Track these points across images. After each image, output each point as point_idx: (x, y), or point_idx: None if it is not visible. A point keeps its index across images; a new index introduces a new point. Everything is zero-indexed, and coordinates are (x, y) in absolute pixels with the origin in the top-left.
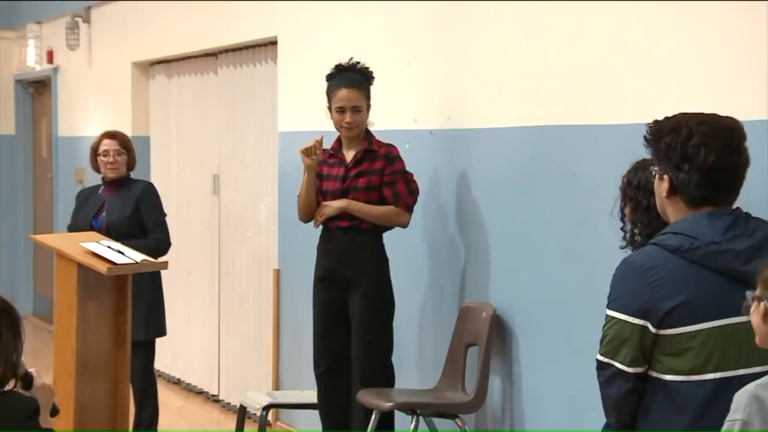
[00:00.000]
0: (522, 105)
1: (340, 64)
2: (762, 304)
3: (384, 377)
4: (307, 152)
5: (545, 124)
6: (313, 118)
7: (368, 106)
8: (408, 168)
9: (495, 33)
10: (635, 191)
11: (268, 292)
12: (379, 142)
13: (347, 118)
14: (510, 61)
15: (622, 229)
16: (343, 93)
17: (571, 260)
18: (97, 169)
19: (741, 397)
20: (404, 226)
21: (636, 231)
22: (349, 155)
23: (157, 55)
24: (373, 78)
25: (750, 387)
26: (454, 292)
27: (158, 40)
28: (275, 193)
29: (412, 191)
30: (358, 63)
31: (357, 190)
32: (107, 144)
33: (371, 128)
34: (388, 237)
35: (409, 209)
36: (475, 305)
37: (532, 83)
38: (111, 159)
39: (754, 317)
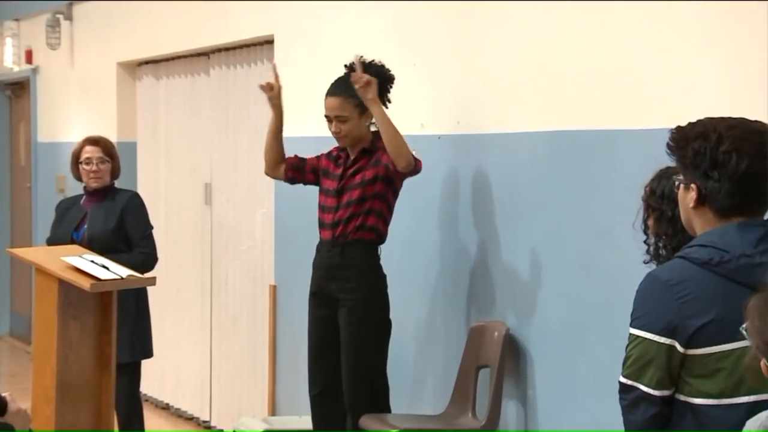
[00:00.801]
0: (538, 108)
1: (351, 65)
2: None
3: (374, 402)
4: (265, 87)
5: (563, 129)
6: (312, 122)
7: (361, 113)
8: (415, 179)
9: (509, 31)
10: (659, 201)
11: (263, 309)
12: (381, 142)
13: (332, 127)
14: (525, 61)
15: (645, 242)
16: (327, 102)
17: (591, 275)
18: (78, 178)
19: (752, 425)
20: (405, 166)
21: (660, 244)
22: (352, 155)
23: (145, 54)
24: (387, 77)
25: (762, 417)
26: (464, 310)
27: (146, 38)
28: (271, 204)
29: (417, 162)
30: (372, 61)
31: (352, 187)
32: (90, 151)
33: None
34: (391, 249)
35: (413, 165)
36: (486, 324)
37: (549, 85)
38: (94, 167)
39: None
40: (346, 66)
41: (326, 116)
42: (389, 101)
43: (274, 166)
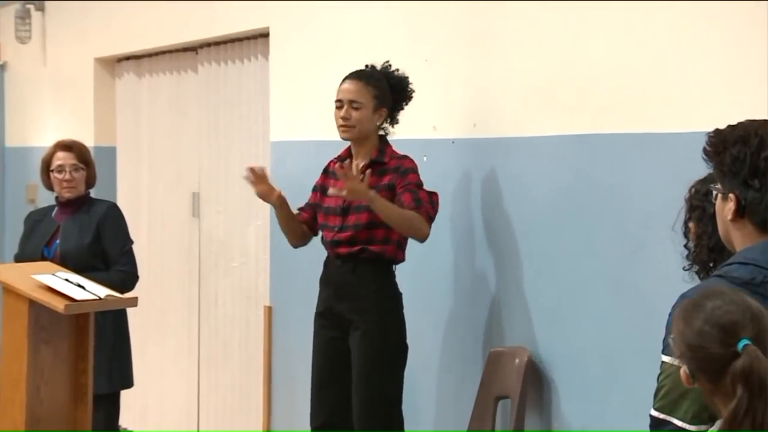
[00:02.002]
0: (563, 110)
1: (374, 66)
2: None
3: None
4: (252, 180)
5: (590, 132)
6: (311, 125)
7: (376, 107)
8: (426, 185)
9: (531, 24)
10: (702, 198)
11: (257, 333)
12: (393, 153)
13: (342, 113)
14: (549, 58)
15: (685, 246)
16: (344, 85)
17: (623, 296)
18: (49, 187)
19: None
20: (423, 238)
21: (702, 243)
22: (358, 165)
23: (125, 49)
24: (405, 92)
25: None
26: (481, 334)
27: (126, 31)
28: (266, 215)
29: (434, 203)
30: (396, 70)
31: (359, 209)
32: (62, 157)
33: (390, 138)
34: (400, 266)
35: (430, 221)
36: (506, 350)
37: (575, 84)
38: (67, 176)
39: None
40: (366, 66)
41: (337, 101)
42: (397, 121)
43: (298, 239)
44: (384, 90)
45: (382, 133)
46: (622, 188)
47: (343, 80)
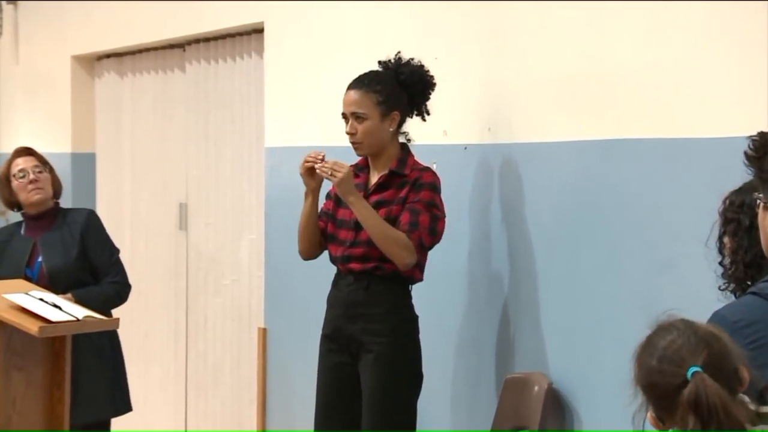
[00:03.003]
0: (585, 113)
1: (386, 62)
2: None
3: None
4: (308, 169)
5: (615, 137)
6: (310, 128)
7: (384, 114)
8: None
9: (551, 20)
10: (737, 210)
11: (251, 358)
12: (415, 164)
13: (347, 128)
14: (570, 56)
15: (720, 263)
16: (345, 96)
17: (651, 317)
18: (11, 204)
19: None
20: (404, 267)
21: (738, 259)
22: (374, 177)
23: (106, 46)
24: (425, 83)
25: None
26: (497, 358)
27: (107, 26)
28: (260, 228)
29: (434, 231)
30: (412, 60)
31: None
32: (22, 162)
33: (412, 144)
34: (416, 287)
35: (421, 250)
36: (524, 376)
37: (599, 85)
38: (31, 176)
39: None
40: (380, 62)
41: (342, 114)
42: (427, 113)
43: (315, 248)
44: (390, 91)
45: (403, 139)
46: (650, 199)
47: (346, 90)
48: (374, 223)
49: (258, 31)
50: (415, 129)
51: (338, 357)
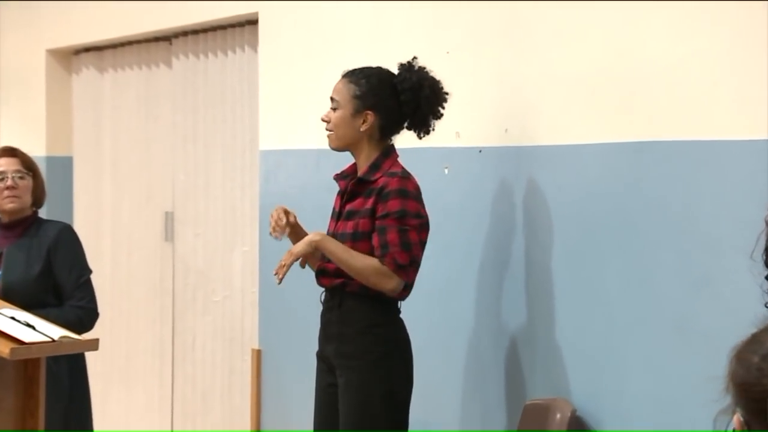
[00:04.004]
0: (612, 113)
1: (409, 64)
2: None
3: None
4: (278, 237)
5: (645, 139)
6: (308, 130)
7: (357, 110)
8: (445, 204)
9: (575, 12)
10: None
11: (244, 382)
12: (391, 167)
13: (324, 114)
14: (595, 51)
15: (767, 277)
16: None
17: (687, 338)
18: None
19: None
20: (390, 293)
21: None
22: (350, 186)
23: (84, 39)
24: (419, 101)
25: None
26: (513, 383)
27: (85, 18)
28: (254, 240)
29: (408, 245)
30: (426, 71)
31: (344, 237)
32: (3, 164)
33: (403, 146)
34: (416, 301)
35: (400, 271)
36: (545, 403)
37: (627, 82)
38: (9, 182)
39: None
40: (403, 63)
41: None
42: (426, 133)
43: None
44: (372, 90)
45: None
46: (685, 207)
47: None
48: (344, 258)
49: (252, 22)
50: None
51: (327, 378)
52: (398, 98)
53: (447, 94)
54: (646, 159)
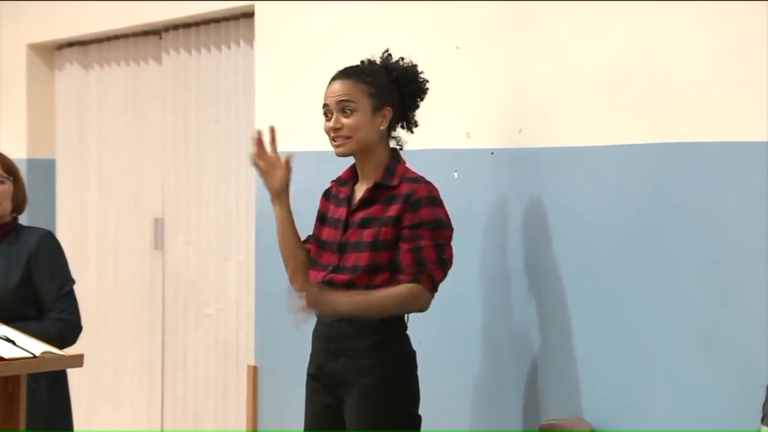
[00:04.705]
0: (633, 113)
1: (372, 61)
2: None
3: None
4: (258, 160)
5: (668, 141)
6: (308, 130)
7: (376, 108)
8: (454, 209)
9: (594, 3)
10: None
11: (239, 401)
12: (405, 173)
13: (331, 122)
14: (615, 47)
15: None
16: (330, 86)
17: (713, 352)
18: None
19: None
20: (423, 310)
21: None
22: (361, 190)
23: (68, 33)
24: (418, 87)
25: None
26: (529, 402)
27: (69, 10)
28: (250, 248)
29: (443, 262)
30: (400, 60)
31: (359, 247)
32: None
33: (409, 148)
34: (422, 314)
35: (434, 288)
36: (560, 422)
37: (649, 80)
38: None
39: None
40: (362, 61)
41: (324, 107)
42: (414, 125)
43: (300, 275)
44: (383, 85)
45: (395, 145)
46: (711, 213)
47: (329, 82)
48: (380, 306)
49: (247, 15)
50: (432, 130)
51: (324, 399)
52: (399, 91)
53: (426, 81)
54: (670, 162)
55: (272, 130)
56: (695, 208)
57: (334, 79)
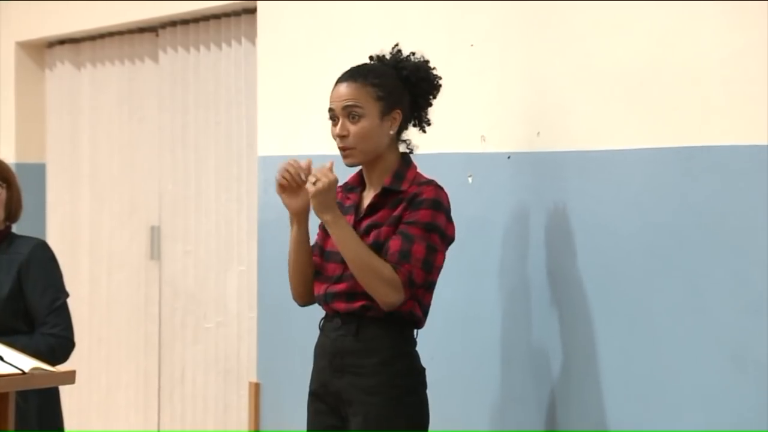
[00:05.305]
0: (659, 114)
1: (381, 56)
2: None
3: None
4: (285, 183)
5: (696, 144)
6: (312, 134)
7: (385, 112)
8: (468, 217)
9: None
10: None
11: (240, 419)
12: (416, 177)
13: (338, 129)
14: (639, 45)
15: None
16: (335, 90)
17: (744, 369)
18: None
19: None
20: (386, 306)
21: None
22: (369, 197)
23: (59, 30)
24: (431, 84)
25: None
26: (549, 423)
27: (61, 7)
28: (252, 258)
29: (429, 266)
30: (413, 54)
31: None
32: None
33: (420, 152)
34: (431, 329)
35: (410, 287)
36: None
37: (675, 80)
38: None
39: None
40: (372, 58)
41: (330, 111)
42: (427, 124)
43: (308, 292)
44: (392, 86)
45: (404, 148)
46: (741, 221)
47: (335, 84)
48: (354, 248)
49: (249, 10)
50: (445, 133)
51: (327, 419)
52: (410, 91)
53: (438, 78)
54: (696, 166)
55: (309, 164)
56: (723, 216)
57: (339, 81)
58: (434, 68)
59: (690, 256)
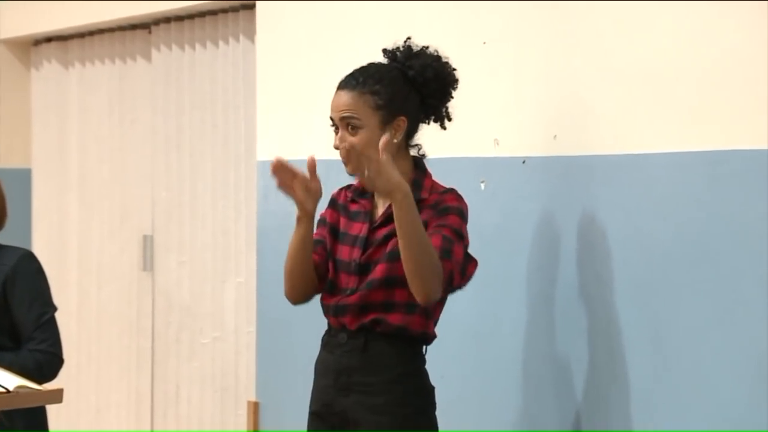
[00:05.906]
0: (685, 116)
1: (393, 51)
2: None
3: None
4: (284, 180)
5: (726, 148)
6: (315, 137)
7: (385, 120)
8: (481, 225)
9: None
10: None
11: None
12: (433, 186)
13: (336, 140)
14: (663, 43)
15: None
16: (334, 98)
17: None
18: None
19: None
20: (426, 300)
21: None
22: (383, 204)
23: (46, 27)
24: (444, 81)
25: None
26: None
27: (48, 2)
28: (251, 268)
29: (465, 272)
30: (425, 48)
31: (378, 259)
32: None
33: (432, 157)
34: (444, 343)
35: (447, 286)
36: None
37: (702, 80)
38: None
39: None
40: (385, 52)
41: (331, 119)
42: (448, 119)
43: (307, 289)
44: (394, 91)
45: (416, 153)
46: None
47: (336, 90)
48: (422, 232)
49: (248, 6)
50: (457, 137)
51: None
52: (418, 91)
53: (453, 71)
54: (724, 171)
55: (313, 161)
56: (752, 224)
57: (339, 87)
58: (447, 62)
59: (718, 266)
